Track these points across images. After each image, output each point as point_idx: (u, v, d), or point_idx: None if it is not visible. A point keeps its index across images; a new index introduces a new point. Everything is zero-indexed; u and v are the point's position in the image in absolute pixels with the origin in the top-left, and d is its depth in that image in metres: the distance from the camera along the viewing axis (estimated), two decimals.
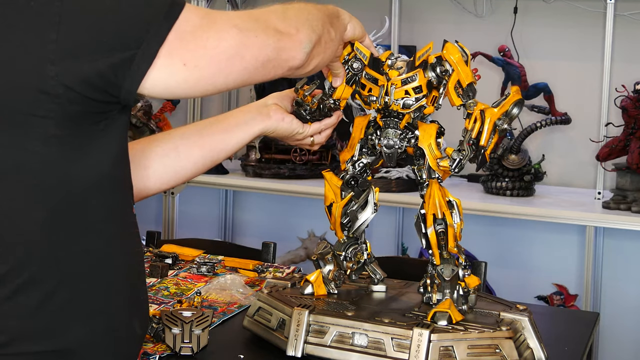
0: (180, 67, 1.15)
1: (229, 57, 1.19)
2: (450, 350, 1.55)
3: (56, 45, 1.09)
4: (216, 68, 1.19)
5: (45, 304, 1.14)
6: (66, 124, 1.12)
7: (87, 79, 1.10)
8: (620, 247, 3.29)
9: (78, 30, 1.10)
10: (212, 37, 1.17)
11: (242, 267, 2.24)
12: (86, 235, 1.16)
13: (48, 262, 1.13)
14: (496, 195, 3.21)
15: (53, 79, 1.09)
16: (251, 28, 1.22)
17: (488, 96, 1.85)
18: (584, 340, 1.83)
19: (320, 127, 1.72)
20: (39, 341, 1.14)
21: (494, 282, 3.25)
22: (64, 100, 1.10)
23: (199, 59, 1.16)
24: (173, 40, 1.14)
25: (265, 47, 1.24)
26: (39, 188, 1.13)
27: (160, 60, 1.14)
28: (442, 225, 1.65)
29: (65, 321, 1.15)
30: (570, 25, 3.39)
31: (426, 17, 3.58)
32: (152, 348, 1.65)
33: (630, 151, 3.00)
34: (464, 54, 1.66)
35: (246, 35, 1.21)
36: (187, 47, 1.15)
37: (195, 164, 1.61)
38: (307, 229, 3.67)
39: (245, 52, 1.21)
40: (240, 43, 1.20)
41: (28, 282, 1.12)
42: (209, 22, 1.18)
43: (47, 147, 1.12)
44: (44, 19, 1.09)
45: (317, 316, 1.64)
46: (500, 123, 1.65)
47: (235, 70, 1.21)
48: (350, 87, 1.73)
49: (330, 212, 1.78)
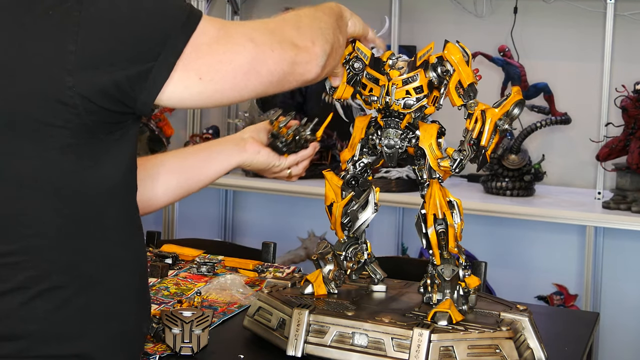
0: (196, 81, 1.16)
1: (245, 72, 1.19)
2: (450, 350, 1.55)
3: (74, 57, 1.10)
4: (232, 83, 1.19)
5: (63, 308, 1.16)
6: (83, 134, 1.13)
7: (104, 90, 1.11)
8: (620, 247, 3.29)
9: (96, 42, 1.10)
10: (228, 51, 1.17)
11: (242, 267, 2.24)
12: (102, 240, 1.18)
13: (66, 268, 1.15)
14: (496, 195, 3.21)
15: (70, 90, 1.10)
16: (267, 42, 1.21)
17: (488, 96, 1.85)
18: (584, 340, 1.83)
19: (297, 159, 1.72)
20: (57, 345, 1.16)
21: (494, 282, 3.25)
22: (81, 110, 1.11)
23: (215, 72, 1.16)
24: (190, 52, 1.14)
25: (282, 61, 1.23)
26: (57, 196, 1.14)
27: (176, 73, 1.14)
28: (443, 225, 1.65)
29: (82, 325, 1.18)
30: (570, 25, 3.39)
31: (426, 17, 3.58)
32: (152, 348, 1.65)
33: (630, 151, 3.00)
34: (465, 54, 1.66)
35: (262, 50, 1.20)
36: (203, 60, 1.15)
37: (170, 192, 1.62)
38: (307, 229, 3.67)
39: (261, 67, 1.20)
40: (256, 58, 1.19)
41: (46, 288, 1.14)
42: (225, 35, 1.18)
43: (64, 156, 1.13)
44: (63, 29, 1.10)
45: (317, 316, 1.64)
46: (501, 123, 1.65)
47: (251, 85, 1.21)
48: (350, 87, 1.73)
49: (331, 211, 1.77)
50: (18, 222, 1.14)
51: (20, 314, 1.15)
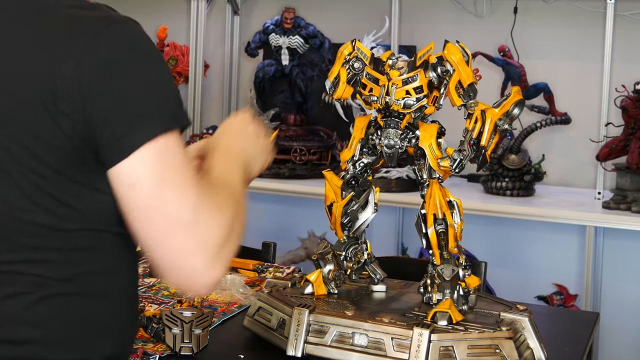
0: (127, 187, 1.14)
1: (167, 232, 1.14)
2: (450, 350, 1.55)
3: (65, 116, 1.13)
4: (149, 227, 1.15)
5: (65, 315, 1.19)
6: (75, 159, 1.15)
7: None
8: (620, 247, 3.28)
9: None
10: (169, 202, 1.13)
11: (242, 267, 2.24)
12: (102, 254, 1.21)
13: (67, 276, 1.18)
14: (496, 195, 3.21)
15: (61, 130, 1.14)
16: (201, 220, 1.14)
17: (488, 96, 1.85)
18: (584, 340, 1.83)
19: None
20: (61, 351, 1.19)
21: (494, 282, 3.25)
22: (67, 145, 1.14)
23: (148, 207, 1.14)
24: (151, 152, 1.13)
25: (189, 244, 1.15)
26: (59, 215, 1.17)
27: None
28: (443, 225, 1.65)
29: (84, 332, 1.20)
30: (570, 25, 3.39)
31: (426, 17, 3.58)
32: (152, 348, 1.65)
33: (630, 151, 3.00)
34: (464, 54, 1.66)
35: (194, 223, 1.14)
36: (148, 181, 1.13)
37: None
38: (307, 229, 3.67)
39: (179, 240, 1.14)
40: (184, 223, 1.13)
41: (48, 294, 1.17)
42: (171, 183, 1.14)
43: (62, 177, 1.16)
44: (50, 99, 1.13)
45: (317, 316, 1.64)
46: (501, 123, 1.65)
47: (161, 240, 1.15)
48: (350, 87, 1.73)
49: (331, 211, 1.78)
50: (21, 232, 1.17)
51: (24, 319, 1.17)
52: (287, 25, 3.45)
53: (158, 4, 4.00)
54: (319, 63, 3.51)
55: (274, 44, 3.47)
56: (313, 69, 3.52)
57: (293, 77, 3.52)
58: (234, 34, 3.84)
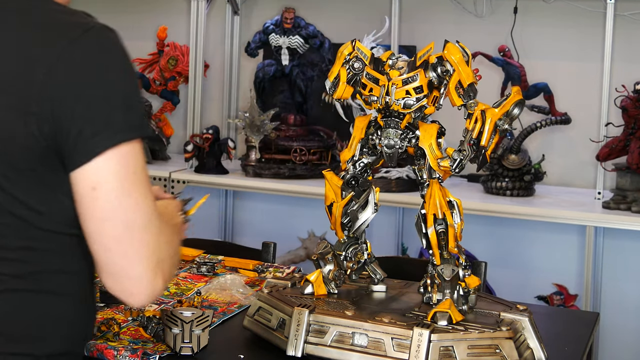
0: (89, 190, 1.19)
1: (119, 234, 1.18)
2: (450, 350, 1.55)
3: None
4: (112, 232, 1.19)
5: (17, 310, 1.23)
6: (41, 162, 1.19)
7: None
8: (620, 247, 3.28)
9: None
10: (131, 208, 1.18)
11: (242, 267, 2.24)
12: (58, 255, 1.25)
13: (22, 276, 1.23)
14: (496, 195, 3.21)
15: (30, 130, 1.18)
16: (153, 231, 1.20)
17: (488, 96, 1.85)
18: (584, 340, 1.83)
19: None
20: (8, 344, 1.23)
21: (494, 282, 3.25)
22: (35, 145, 1.18)
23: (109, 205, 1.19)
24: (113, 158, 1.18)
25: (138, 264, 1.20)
26: (19, 217, 1.21)
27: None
28: (443, 225, 1.65)
29: (33, 328, 1.24)
30: (570, 25, 3.39)
31: (426, 17, 3.58)
32: (152, 348, 1.65)
33: (630, 151, 3.00)
34: (464, 54, 1.66)
35: (144, 231, 1.20)
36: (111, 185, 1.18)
37: None
38: (307, 229, 3.67)
39: (133, 245, 1.19)
40: (136, 226, 1.18)
41: (3, 290, 1.22)
42: (133, 192, 1.18)
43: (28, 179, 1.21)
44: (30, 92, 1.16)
45: (317, 316, 1.64)
46: (501, 123, 1.65)
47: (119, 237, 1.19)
48: (350, 87, 1.73)
49: (331, 211, 1.78)
50: None
51: None
52: (287, 25, 3.45)
53: (158, 4, 4.00)
54: (319, 63, 3.51)
55: (274, 44, 3.47)
56: (313, 69, 3.52)
57: (293, 77, 3.52)
58: (234, 34, 3.84)
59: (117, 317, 1.80)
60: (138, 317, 1.77)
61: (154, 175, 3.54)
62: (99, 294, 1.92)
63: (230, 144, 3.50)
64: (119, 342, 1.67)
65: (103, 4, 4.16)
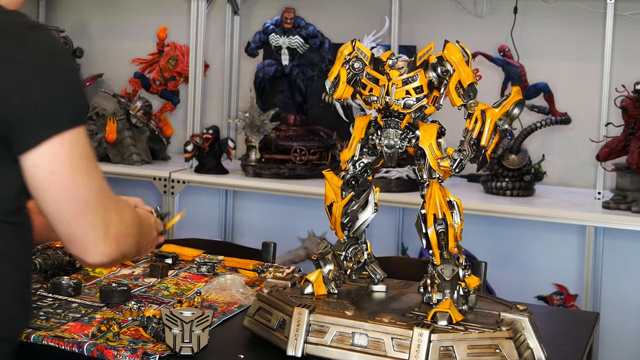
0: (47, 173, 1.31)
1: (78, 210, 1.34)
2: (450, 350, 1.55)
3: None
4: (67, 204, 1.33)
5: None
6: None
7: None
8: (620, 247, 3.28)
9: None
10: (83, 183, 1.34)
11: (242, 267, 2.24)
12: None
13: None
14: (496, 195, 3.21)
15: None
16: (104, 204, 1.37)
17: (488, 96, 1.85)
18: (584, 340, 1.83)
19: None
20: None
21: (494, 282, 3.25)
22: None
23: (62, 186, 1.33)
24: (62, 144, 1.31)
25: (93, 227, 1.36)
26: None
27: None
28: (443, 225, 1.65)
29: None
30: (570, 25, 3.39)
31: (426, 17, 3.58)
32: (152, 348, 1.65)
33: (630, 151, 3.00)
34: (464, 54, 1.66)
35: (98, 212, 1.36)
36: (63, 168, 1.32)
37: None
38: (307, 229, 3.67)
39: (87, 216, 1.35)
40: (87, 204, 1.34)
41: None
42: (83, 169, 1.34)
43: None
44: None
45: (317, 316, 1.64)
46: (501, 123, 1.65)
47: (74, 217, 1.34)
48: (350, 87, 1.73)
49: (331, 211, 1.78)
50: None
51: None
52: (287, 25, 3.45)
53: (158, 4, 4.00)
54: (319, 63, 3.51)
55: (274, 44, 3.47)
56: (313, 69, 3.52)
57: (293, 77, 3.52)
58: (234, 34, 3.84)
59: (117, 317, 1.80)
60: (138, 317, 1.77)
61: (154, 175, 3.54)
62: (99, 294, 1.93)
63: (230, 144, 3.50)
64: (119, 342, 1.67)
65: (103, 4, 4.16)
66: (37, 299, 1.90)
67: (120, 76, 3.99)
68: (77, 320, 1.78)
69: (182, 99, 3.80)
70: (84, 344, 1.65)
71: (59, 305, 1.87)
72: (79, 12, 4.20)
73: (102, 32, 4.15)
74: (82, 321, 1.78)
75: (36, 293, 1.94)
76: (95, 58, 4.13)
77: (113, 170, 3.56)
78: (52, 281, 1.96)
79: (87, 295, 1.95)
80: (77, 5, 4.22)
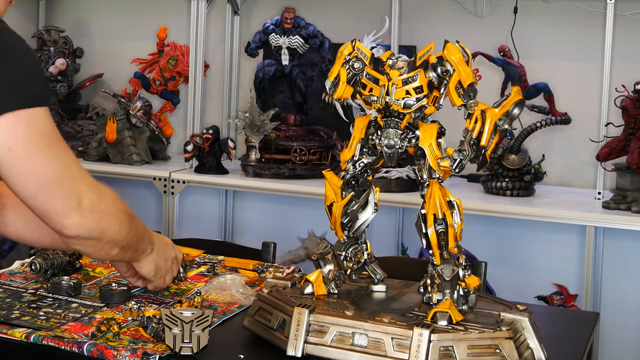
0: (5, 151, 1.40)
1: (46, 186, 1.43)
2: (450, 350, 1.55)
3: None
4: (30, 181, 1.43)
5: None
6: None
7: None
8: (620, 247, 3.28)
9: None
10: (45, 161, 1.42)
11: (242, 267, 2.24)
12: None
13: None
14: (496, 195, 3.21)
15: None
16: (72, 175, 1.46)
17: (488, 96, 1.85)
18: (584, 340, 1.83)
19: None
20: None
21: (494, 282, 3.25)
22: None
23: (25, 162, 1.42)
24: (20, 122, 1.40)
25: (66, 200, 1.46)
26: None
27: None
28: (443, 225, 1.65)
29: None
30: (570, 25, 3.39)
31: (426, 17, 3.58)
32: (152, 348, 1.65)
33: (630, 151, 3.00)
34: (464, 54, 1.66)
35: (65, 184, 1.45)
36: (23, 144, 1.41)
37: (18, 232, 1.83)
38: (307, 229, 3.67)
39: (57, 191, 1.44)
40: (53, 174, 1.43)
41: None
42: (50, 144, 1.43)
43: None
44: None
45: (317, 316, 1.64)
46: (501, 123, 1.65)
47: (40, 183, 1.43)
48: (350, 87, 1.73)
49: (331, 211, 1.78)
50: None
51: None
52: (287, 25, 3.45)
53: (158, 4, 4.01)
54: (319, 63, 3.51)
55: (274, 44, 3.48)
56: (313, 69, 3.52)
57: (293, 77, 3.52)
58: (234, 34, 3.85)
59: (117, 317, 1.80)
60: (138, 317, 1.77)
61: (154, 175, 3.54)
62: (99, 294, 1.93)
63: (230, 144, 3.50)
64: (119, 342, 1.67)
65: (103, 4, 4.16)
66: (37, 299, 1.90)
67: (120, 76, 3.99)
68: (77, 320, 1.78)
69: (182, 99, 3.80)
70: (84, 344, 1.65)
71: (59, 305, 1.87)
72: (79, 12, 4.21)
73: (102, 32, 4.15)
74: (82, 321, 1.78)
75: (36, 293, 1.94)
76: (95, 58, 4.13)
77: (113, 170, 3.57)
78: (52, 281, 1.95)
79: (87, 295, 1.95)
80: (77, 5, 4.22)
